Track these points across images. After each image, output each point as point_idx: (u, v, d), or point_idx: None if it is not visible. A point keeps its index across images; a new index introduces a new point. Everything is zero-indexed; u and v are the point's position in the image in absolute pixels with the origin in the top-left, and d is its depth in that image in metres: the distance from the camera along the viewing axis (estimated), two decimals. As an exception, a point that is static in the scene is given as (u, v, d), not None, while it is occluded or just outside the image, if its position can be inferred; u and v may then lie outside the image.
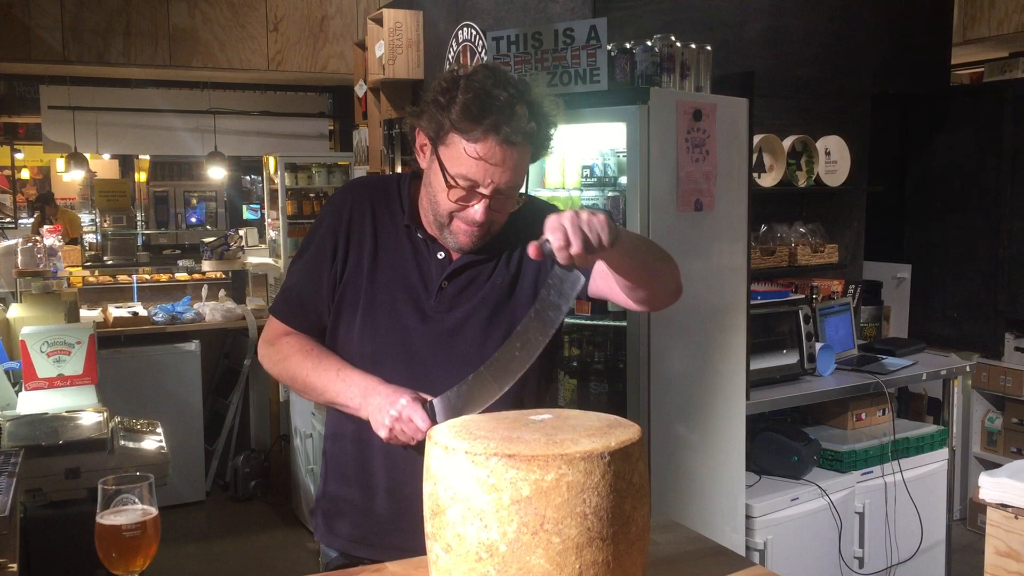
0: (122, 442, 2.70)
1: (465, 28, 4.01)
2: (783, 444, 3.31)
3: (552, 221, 1.34)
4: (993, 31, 5.67)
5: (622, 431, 1.31)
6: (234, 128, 9.26)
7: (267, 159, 8.14)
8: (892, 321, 4.40)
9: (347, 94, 6.72)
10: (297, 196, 7.57)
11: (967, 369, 3.98)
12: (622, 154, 2.94)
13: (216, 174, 9.54)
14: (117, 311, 5.53)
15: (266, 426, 5.57)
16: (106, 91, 8.67)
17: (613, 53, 2.92)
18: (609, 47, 2.88)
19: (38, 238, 5.43)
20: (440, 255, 1.70)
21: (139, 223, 11.23)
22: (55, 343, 2.93)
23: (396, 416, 1.53)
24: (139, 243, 10.29)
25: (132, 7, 6.64)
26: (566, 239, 1.33)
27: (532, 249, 1.35)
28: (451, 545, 1.26)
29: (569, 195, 3.15)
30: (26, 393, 2.90)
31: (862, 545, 3.43)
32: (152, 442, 2.77)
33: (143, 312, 5.50)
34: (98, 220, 9.74)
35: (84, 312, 5.42)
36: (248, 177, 12.90)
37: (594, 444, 1.25)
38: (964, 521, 4.74)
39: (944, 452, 3.74)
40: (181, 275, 6.78)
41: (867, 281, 4.27)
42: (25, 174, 13.18)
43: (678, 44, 2.96)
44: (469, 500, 1.23)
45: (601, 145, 3.11)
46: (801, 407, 3.64)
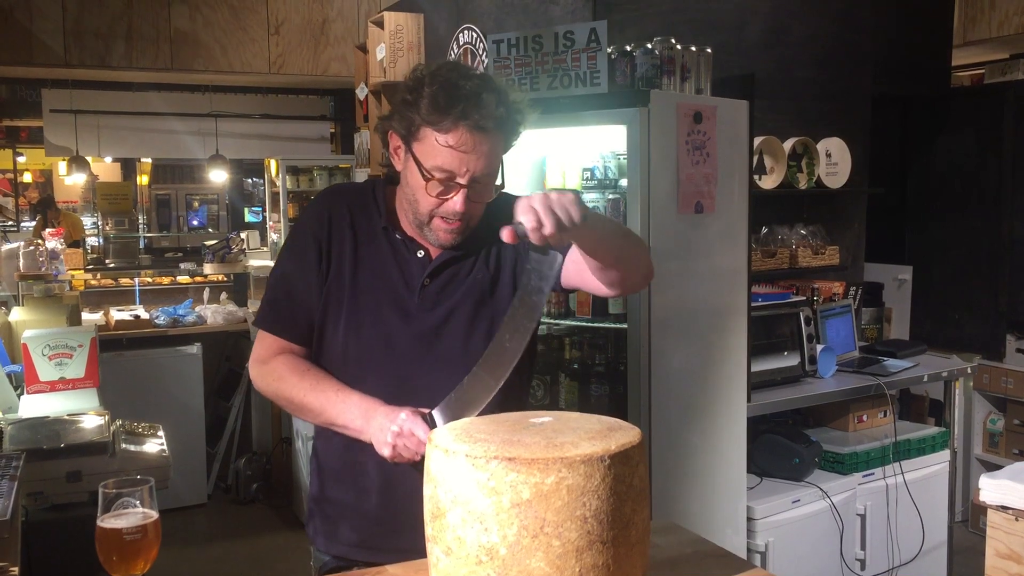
0: (123, 445, 2.70)
1: (466, 31, 4.02)
2: (784, 446, 3.31)
3: (522, 203, 1.35)
4: (994, 33, 5.67)
5: (622, 434, 1.31)
6: (236, 131, 9.27)
7: (268, 162, 8.16)
8: (893, 323, 4.40)
9: (348, 97, 6.73)
10: (299, 199, 7.58)
11: (968, 371, 3.97)
12: (622, 156, 2.94)
13: (218, 177, 9.55)
14: (119, 314, 5.53)
15: (268, 429, 5.58)
16: (108, 94, 8.68)
17: (613, 56, 2.92)
18: (609, 50, 2.89)
19: (40, 241, 5.44)
20: (420, 254, 1.71)
21: (141, 226, 11.24)
22: (57, 346, 2.93)
23: (398, 432, 1.54)
24: (141, 246, 10.30)
25: (133, 10, 6.65)
26: (538, 220, 1.33)
27: (506, 233, 1.36)
28: (451, 548, 1.26)
29: (570, 198, 3.15)
30: (28, 396, 2.90)
31: (863, 547, 3.43)
32: (153, 445, 2.77)
33: (145, 315, 5.50)
34: (100, 223, 9.75)
35: (86, 315, 5.43)
36: (250, 180, 12.91)
37: (594, 447, 1.25)
38: (966, 523, 4.74)
39: (946, 454, 3.73)
40: (183, 278, 6.79)
41: (868, 283, 4.26)
42: (27, 177, 13.19)
43: (678, 46, 2.97)
44: (469, 503, 1.23)
45: (601, 147, 3.11)
46: (802, 409, 3.64)
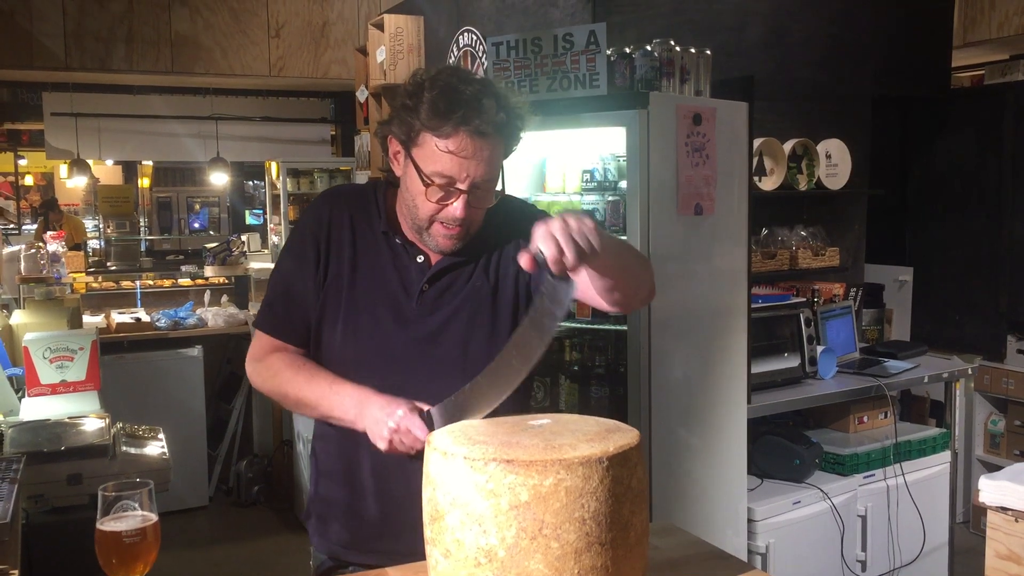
0: (124, 448, 2.70)
1: (466, 33, 4.02)
2: (785, 447, 3.31)
3: (542, 231, 1.32)
4: (993, 33, 5.67)
5: (620, 436, 1.32)
6: (236, 134, 9.27)
7: (269, 164, 8.17)
8: (894, 324, 4.40)
9: (349, 99, 6.73)
10: (299, 201, 7.59)
11: (969, 372, 3.97)
12: (622, 158, 2.94)
13: (219, 179, 9.55)
14: (120, 317, 5.54)
15: (269, 431, 5.58)
16: (108, 97, 8.67)
17: (613, 58, 2.92)
18: (609, 52, 2.89)
19: (41, 244, 5.44)
20: (419, 259, 1.71)
21: (142, 229, 11.25)
22: (58, 349, 2.93)
23: (394, 428, 1.53)
24: (142, 249, 10.30)
25: (134, 14, 6.65)
26: (559, 249, 1.31)
27: (525, 261, 1.34)
28: (450, 550, 1.26)
29: (569, 199, 3.15)
30: (29, 399, 2.91)
31: (864, 548, 3.43)
32: (154, 448, 2.77)
33: (146, 318, 5.51)
34: (101, 226, 9.75)
35: (87, 318, 5.43)
36: (251, 182, 12.91)
37: (592, 449, 1.25)
38: (967, 524, 4.73)
39: (946, 455, 3.73)
40: (184, 280, 6.80)
41: (868, 284, 4.26)
42: (29, 180, 13.21)
43: (677, 48, 2.97)
44: (468, 505, 1.24)
45: (601, 149, 3.11)
46: (803, 410, 3.64)
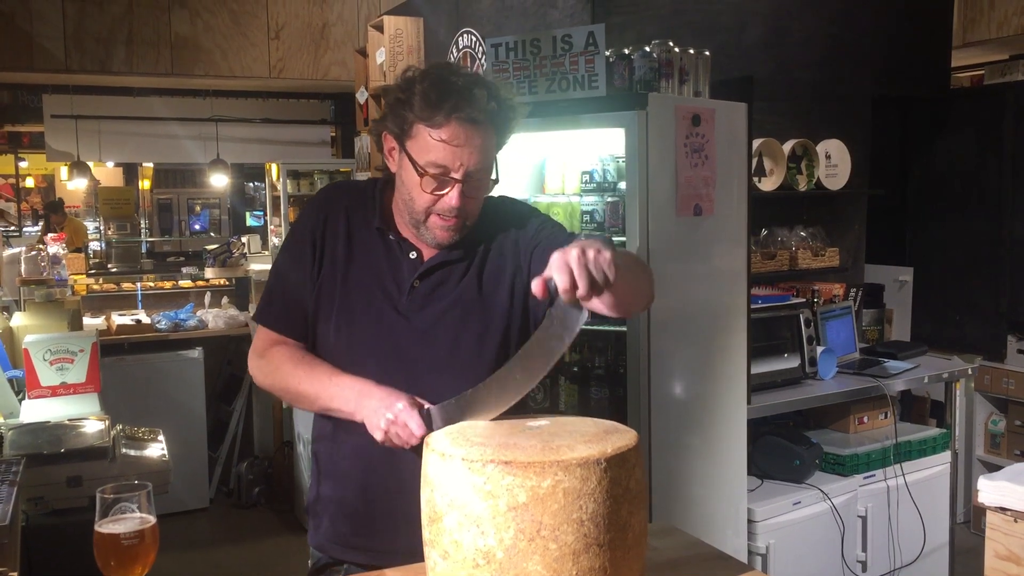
0: (124, 450, 2.70)
1: (465, 35, 4.02)
2: (785, 448, 3.31)
3: (558, 260, 1.30)
4: (993, 34, 5.67)
5: (618, 437, 1.32)
6: (236, 135, 9.28)
7: (269, 166, 8.17)
8: (894, 324, 4.40)
9: (349, 101, 6.74)
10: (300, 203, 7.59)
11: (969, 372, 3.97)
12: (621, 159, 2.94)
13: (219, 181, 9.57)
14: (120, 318, 5.54)
15: (269, 433, 5.58)
16: (108, 99, 8.68)
17: (611, 59, 2.92)
18: (607, 53, 2.89)
19: (42, 246, 5.45)
20: (412, 255, 1.72)
21: (143, 231, 11.26)
22: (58, 351, 2.94)
23: (392, 420, 1.53)
24: (143, 250, 10.32)
25: (134, 16, 6.66)
26: (572, 281, 1.28)
27: (538, 288, 1.32)
28: (448, 552, 1.26)
29: (569, 200, 3.15)
30: (29, 401, 2.91)
31: (865, 549, 3.43)
32: (154, 450, 2.77)
33: (146, 319, 5.51)
34: (102, 228, 9.76)
35: (87, 320, 5.43)
36: (251, 184, 12.93)
37: (590, 450, 1.26)
38: (968, 524, 4.73)
39: (947, 455, 3.73)
40: (184, 282, 6.79)
41: (869, 284, 4.26)
42: (30, 182, 13.22)
43: (676, 49, 2.97)
44: (466, 507, 1.24)
45: (600, 151, 3.11)
46: (803, 411, 3.64)
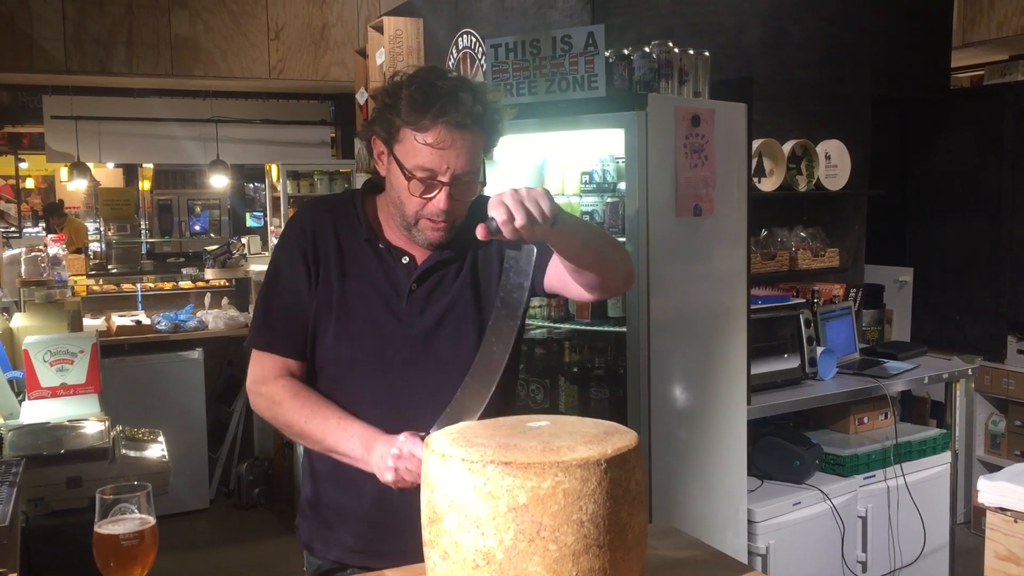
0: (124, 451, 2.70)
1: (465, 35, 4.03)
2: (785, 448, 3.31)
3: (493, 200, 1.39)
4: (993, 34, 5.67)
5: (619, 438, 1.32)
6: (236, 136, 9.27)
7: (269, 167, 8.17)
8: (894, 324, 4.40)
9: (348, 101, 6.74)
10: (299, 204, 7.58)
11: (969, 372, 3.97)
12: (621, 160, 2.95)
13: (219, 182, 9.56)
14: (120, 319, 5.54)
15: (269, 434, 5.57)
16: (108, 100, 8.68)
17: (611, 59, 2.92)
18: (607, 53, 2.89)
19: (42, 248, 5.45)
20: (405, 260, 1.72)
21: (143, 231, 11.26)
22: (58, 352, 2.94)
23: (397, 454, 1.54)
24: (143, 251, 10.32)
25: (134, 17, 6.66)
26: (509, 214, 1.36)
27: (480, 231, 1.40)
28: (448, 552, 1.26)
29: (568, 201, 3.15)
30: (29, 402, 2.91)
31: (865, 549, 3.43)
32: (154, 451, 2.77)
33: (146, 320, 5.51)
34: (102, 229, 9.76)
35: (87, 321, 5.43)
36: (251, 185, 12.93)
37: (591, 451, 1.25)
38: (968, 525, 4.73)
39: (947, 455, 3.73)
40: (184, 283, 6.79)
41: (869, 285, 4.26)
42: (30, 183, 13.22)
43: (676, 50, 2.97)
44: (466, 507, 1.24)
45: (600, 151, 3.11)
46: (803, 411, 3.64)
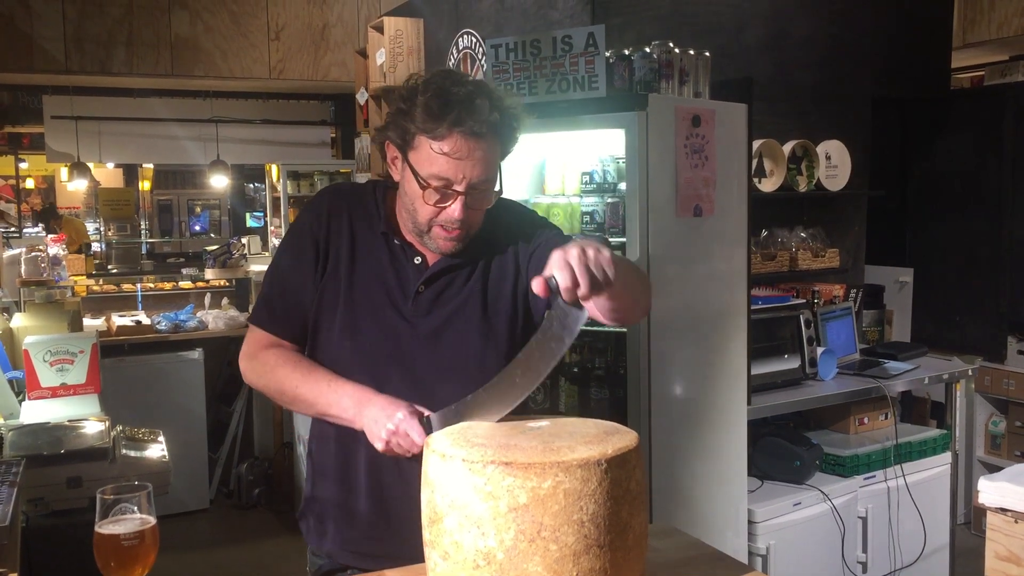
0: (124, 451, 2.70)
1: (465, 36, 4.03)
2: (785, 449, 3.31)
3: (558, 259, 1.30)
4: (993, 34, 5.67)
5: (619, 438, 1.32)
6: (236, 136, 9.27)
7: (269, 167, 8.18)
8: (894, 325, 4.40)
9: (349, 102, 6.74)
10: (299, 204, 7.60)
11: (970, 373, 3.97)
12: (621, 160, 2.94)
13: (219, 182, 9.56)
14: (120, 320, 5.54)
15: (270, 434, 5.58)
16: (109, 101, 8.68)
17: (611, 60, 2.92)
18: (607, 54, 2.89)
19: (42, 248, 5.45)
20: (417, 260, 1.71)
21: (143, 232, 11.27)
22: (58, 352, 2.93)
23: (393, 430, 1.53)
24: (143, 252, 10.32)
25: (134, 17, 6.66)
26: (574, 279, 1.28)
27: (539, 286, 1.31)
28: (449, 553, 1.26)
29: (569, 201, 3.15)
30: (29, 402, 2.91)
31: (865, 550, 3.43)
32: (154, 451, 2.77)
33: (146, 320, 5.51)
34: (102, 229, 9.76)
35: (87, 321, 5.43)
36: (251, 185, 12.94)
37: (591, 451, 1.25)
38: (968, 525, 4.73)
39: (947, 456, 3.73)
40: (184, 283, 6.79)
41: (869, 285, 4.26)
42: (30, 183, 13.22)
43: (676, 50, 2.97)
44: (466, 508, 1.24)
45: (600, 151, 3.11)
46: (803, 412, 3.64)
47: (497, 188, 1.66)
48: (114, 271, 8.59)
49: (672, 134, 2.78)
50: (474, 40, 3.96)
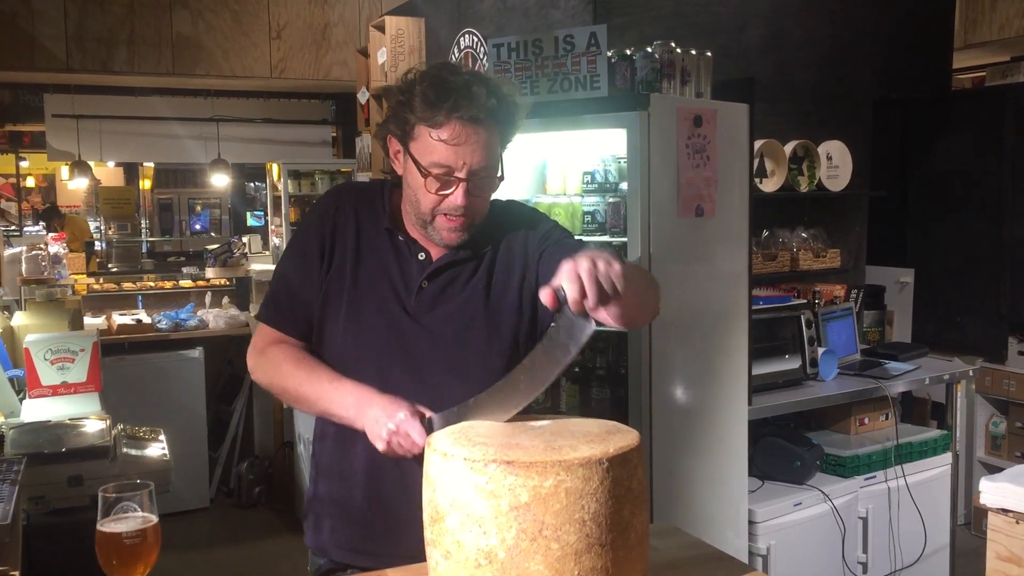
0: (124, 449, 2.70)
1: (467, 35, 4.02)
2: (786, 449, 3.31)
3: (568, 270, 1.31)
4: (994, 35, 5.68)
5: (620, 437, 1.32)
6: (237, 135, 9.29)
7: (270, 166, 8.16)
8: (895, 325, 4.40)
9: (350, 101, 6.76)
10: (300, 203, 7.58)
11: (970, 373, 3.97)
12: (623, 160, 2.94)
13: (220, 181, 9.58)
14: (121, 318, 5.54)
15: (270, 433, 5.58)
16: (110, 99, 8.70)
17: (613, 60, 2.92)
18: (609, 54, 2.89)
19: (43, 246, 5.45)
20: (421, 256, 1.71)
21: (144, 230, 11.27)
22: (59, 351, 2.94)
23: (394, 430, 1.53)
24: (143, 250, 10.31)
25: (135, 16, 6.67)
26: (582, 291, 1.29)
27: (547, 297, 1.32)
28: (450, 552, 1.26)
29: (570, 201, 3.15)
30: (30, 401, 2.91)
31: (865, 550, 3.43)
32: (155, 449, 2.77)
33: (147, 319, 5.51)
34: (103, 228, 9.77)
35: (88, 319, 5.43)
36: (252, 184, 12.94)
37: (592, 450, 1.25)
38: (969, 526, 4.73)
39: (948, 457, 3.73)
40: (185, 282, 6.79)
41: (870, 285, 4.26)
42: (30, 182, 13.23)
43: (678, 50, 2.97)
44: (468, 507, 1.24)
45: (602, 151, 3.11)
46: (804, 412, 3.63)
47: (499, 174, 1.67)
48: (115, 270, 8.60)
49: (674, 134, 2.78)
50: (476, 39, 3.96)
